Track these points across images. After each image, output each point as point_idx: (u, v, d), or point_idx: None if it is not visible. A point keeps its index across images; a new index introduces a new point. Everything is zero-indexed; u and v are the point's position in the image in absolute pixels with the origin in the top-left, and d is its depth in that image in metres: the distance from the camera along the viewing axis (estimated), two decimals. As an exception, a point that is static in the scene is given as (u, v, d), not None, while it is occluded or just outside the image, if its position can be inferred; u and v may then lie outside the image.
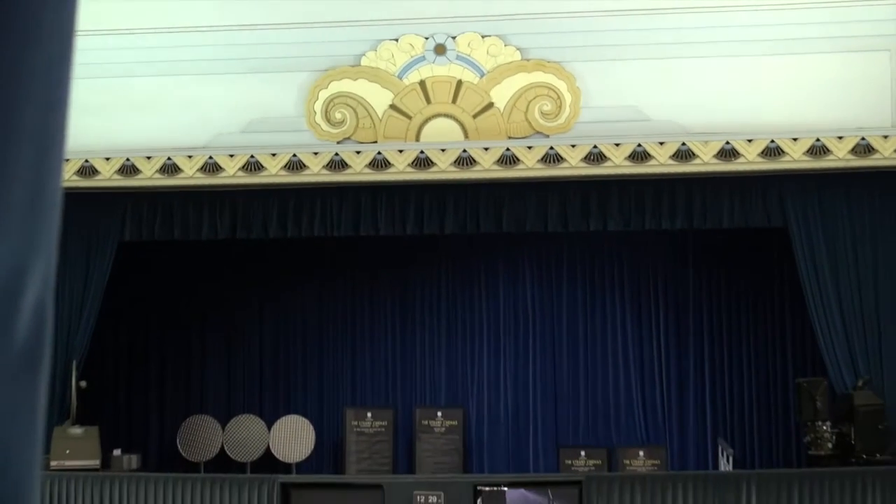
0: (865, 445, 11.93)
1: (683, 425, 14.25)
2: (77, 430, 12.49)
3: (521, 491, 12.02)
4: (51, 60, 0.74)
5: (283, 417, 13.67)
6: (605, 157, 12.20)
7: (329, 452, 14.03)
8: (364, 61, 12.60)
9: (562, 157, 12.25)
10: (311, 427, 13.58)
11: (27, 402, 0.76)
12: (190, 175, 12.55)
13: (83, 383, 12.93)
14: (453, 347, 14.61)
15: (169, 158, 12.53)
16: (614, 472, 12.82)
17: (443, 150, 12.36)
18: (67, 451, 12.31)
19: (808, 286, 12.44)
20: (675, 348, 14.33)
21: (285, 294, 14.57)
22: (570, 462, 13.39)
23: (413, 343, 14.64)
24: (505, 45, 12.47)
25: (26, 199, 0.73)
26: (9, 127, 0.71)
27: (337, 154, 12.44)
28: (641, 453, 13.37)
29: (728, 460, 12.92)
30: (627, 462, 13.27)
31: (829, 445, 12.24)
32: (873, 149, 12.02)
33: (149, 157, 12.54)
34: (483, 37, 12.47)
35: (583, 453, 13.51)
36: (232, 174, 12.50)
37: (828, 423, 12.32)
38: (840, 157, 12.04)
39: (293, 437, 13.53)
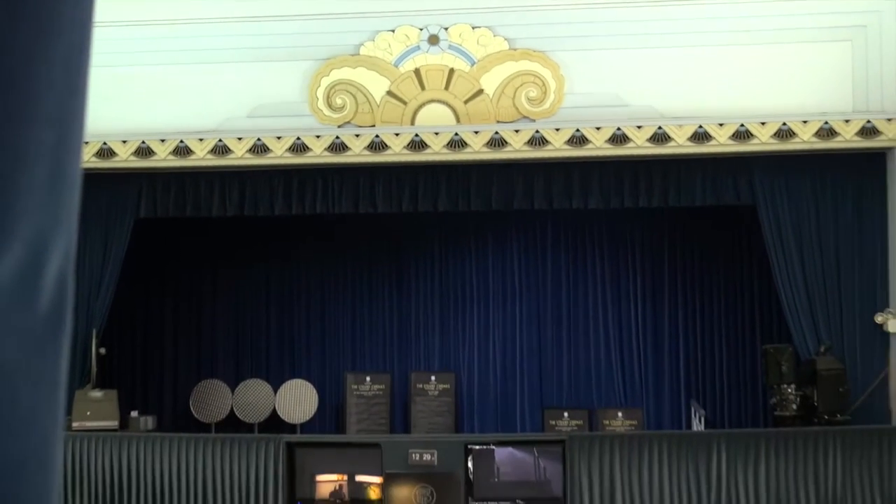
0: (827, 407, 11.96)
1: (659, 389, 14.28)
2: (97, 394, 12.49)
3: (509, 449, 12.04)
4: (70, 49, 0.75)
5: (288, 381, 13.67)
6: (586, 139, 12.19)
7: (331, 414, 14.04)
8: (363, 51, 12.58)
9: (546, 140, 12.24)
10: (314, 390, 13.60)
11: (51, 366, 0.76)
12: (201, 157, 12.54)
13: (102, 350, 12.93)
14: (446, 317, 14.63)
15: (181, 141, 12.51)
16: (595, 432, 12.84)
17: (436, 134, 12.35)
18: (88, 413, 12.32)
19: (775, 260, 12.46)
20: (651, 318, 14.35)
21: (290, 268, 14.56)
22: (553, 423, 13.42)
23: (408, 313, 14.64)
24: (494, 36, 12.44)
25: (47, 179, 0.73)
26: (31, 112, 0.71)
27: (338, 137, 12.42)
28: (620, 414, 13.41)
29: (700, 421, 12.94)
30: (607, 422, 13.30)
31: (794, 407, 12.27)
32: (835, 132, 12.02)
33: (163, 140, 12.52)
34: (473, 28, 12.44)
35: (566, 414, 13.54)
36: (240, 156, 12.49)
37: (792, 386, 12.35)
38: (805, 139, 12.04)
39: (297, 400, 13.55)
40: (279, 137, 12.44)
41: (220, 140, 12.48)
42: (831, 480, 11.37)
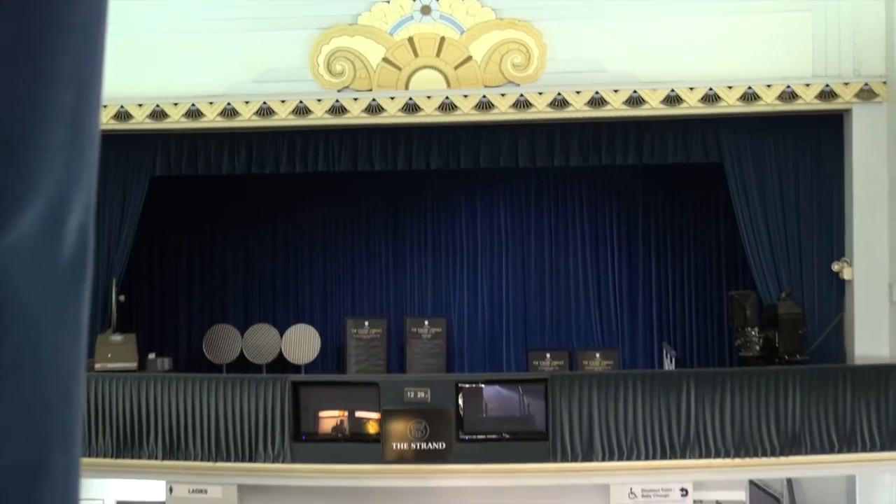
0: (787, 348, 12.03)
1: (633, 332, 14.35)
2: (117, 338, 12.52)
3: (496, 387, 12.09)
4: (89, 16, 0.74)
5: (293, 326, 13.72)
6: (567, 102, 12.18)
7: (332, 356, 14.10)
8: (360, 20, 12.52)
9: (530, 103, 12.22)
10: (317, 334, 13.65)
11: (73, 310, 0.76)
12: (211, 119, 12.51)
13: (122, 297, 12.95)
14: (438, 266, 14.66)
15: (193, 105, 12.48)
16: (574, 371, 12.92)
17: (428, 98, 12.32)
18: (109, 355, 12.35)
19: (740, 213, 12.48)
20: (626, 267, 14.40)
21: (294, 222, 14.57)
22: (537, 363, 13.47)
23: (403, 263, 14.67)
24: (482, 6, 12.39)
25: (68, 138, 0.73)
26: (51, 75, 0.71)
27: (337, 101, 12.40)
28: (598, 355, 13.46)
29: (671, 361, 13.02)
30: (586, 362, 13.35)
31: (757, 348, 12.33)
32: (797, 95, 12.01)
33: (175, 104, 12.49)
34: (463, -1, 12.44)
35: (548, 355, 13.59)
36: (247, 118, 12.46)
37: (756, 329, 12.40)
38: (768, 102, 12.04)
39: (302, 343, 13.60)
40: (283, 101, 12.41)
41: (229, 103, 12.44)
42: (791, 415, 11.45)
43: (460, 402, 11.68)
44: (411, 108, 12.32)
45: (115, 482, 12.67)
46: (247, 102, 12.43)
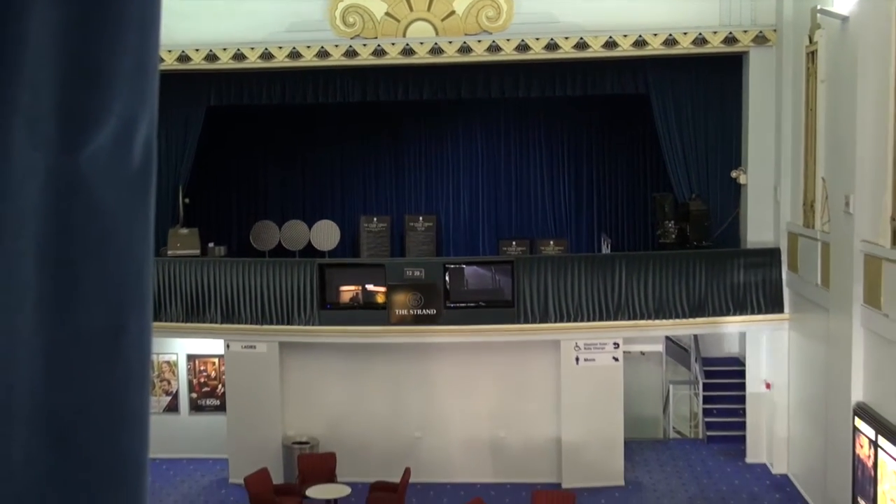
0: (696, 236, 12.10)
1: (579, 225, 14.39)
2: (184, 231, 12.53)
3: (474, 267, 12.18)
4: None
5: (319, 221, 13.72)
6: (529, 47, 12.03)
7: (349, 244, 14.13)
8: (368, -18, 12.33)
9: (500, 48, 12.07)
10: (337, 227, 13.67)
11: (143, 206, 0.75)
12: (252, 61, 12.34)
13: (187, 200, 12.91)
14: (430, 176, 14.62)
15: (238, 49, 12.30)
16: (534, 255, 13.00)
17: (421, 43, 12.16)
18: (178, 245, 12.38)
19: (662, 134, 12.44)
20: (574, 176, 14.36)
21: (318, 141, 14.46)
22: (506, 249, 13.54)
23: (403, 173, 14.63)
24: (462, -29, 12.18)
25: (134, 70, 0.72)
26: (120, 20, 0.71)
27: (350, 46, 12.23)
28: (551, 242, 13.52)
29: (607, 247, 13.09)
30: (542, 248, 13.43)
31: (673, 236, 12.41)
32: (707, 41, 11.88)
33: (224, 49, 12.30)
34: (448, -35, 12.20)
35: (514, 243, 13.65)
36: (280, 60, 12.30)
37: (672, 222, 12.46)
38: (685, 46, 11.91)
39: (326, 235, 13.62)
40: (308, 46, 12.24)
41: (266, 49, 12.27)
42: (697, 287, 11.58)
43: (447, 278, 11.79)
44: (408, 51, 12.17)
45: (185, 341, 12.79)
46: (280, 48, 12.26)
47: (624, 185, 14.21)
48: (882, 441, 8.46)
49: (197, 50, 12.30)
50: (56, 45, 0.66)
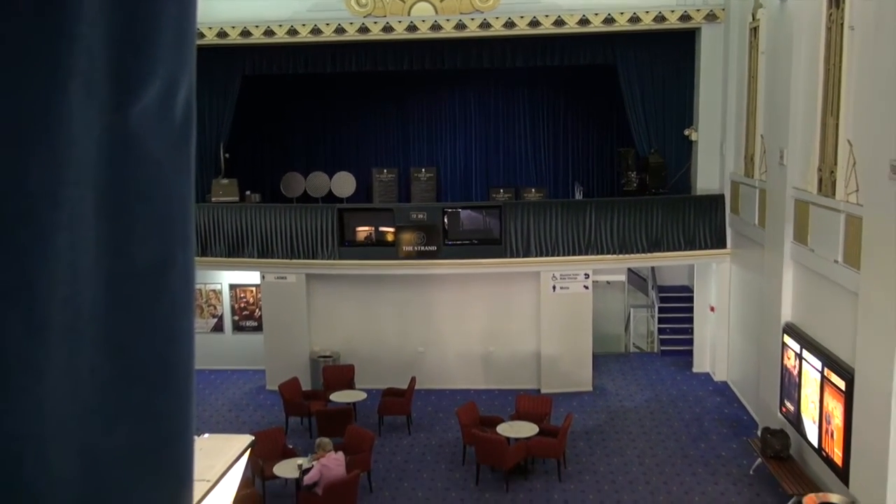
0: (654, 184, 12.06)
1: (556, 174, 14.32)
2: (225, 181, 12.46)
3: (468, 211, 12.16)
4: None
5: (338, 173, 13.64)
6: (515, 24, 11.83)
7: (364, 191, 14.05)
8: (378, -32, 12.05)
9: (490, 24, 11.88)
10: (353, 178, 13.59)
11: (185, 158, 0.74)
12: (280, 36, 12.15)
13: (227, 155, 12.83)
14: (431, 134, 14.49)
15: (268, 27, 12.10)
16: (518, 201, 12.94)
17: (423, 21, 11.95)
18: (220, 192, 12.32)
19: (627, 98, 12.31)
20: (552, 133, 14.25)
21: (336, 106, 14.31)
22: (495, 195, 13.48)
23: (408, 132, 14.51)
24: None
25: (174, 38, 0.70)
26: None
27: (363, 24, 12.02)
28: (533, 190, 13.46)
29: (580, 193, 13.06)
30: (526, 195, 13.37)
31: (635, 185, 12.38)
32: (665, 18, 11.69)
33: (257, 26, 12.10)
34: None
35: (502, 190, 13.59)
36: (304, 35, 12.11)
37: (634, 173, 12.43)
38: (647, 23, 11.72)
39: (344, 184, 13.55)
40: (328, 24, 12.03)
41: (292, 26, 12.07)
42: (655, 227, 11.59)
43: (445, 220, 11.78)
44: (412, 28, 11.97)
45: (228, 273, 12.84)
46: (303, 25, 12.05)
47: (594, 141, 14.11)
48: (806, 354, 8.57)
49: (233, 27, 12.10)
50: (108, 18, 0.65)
